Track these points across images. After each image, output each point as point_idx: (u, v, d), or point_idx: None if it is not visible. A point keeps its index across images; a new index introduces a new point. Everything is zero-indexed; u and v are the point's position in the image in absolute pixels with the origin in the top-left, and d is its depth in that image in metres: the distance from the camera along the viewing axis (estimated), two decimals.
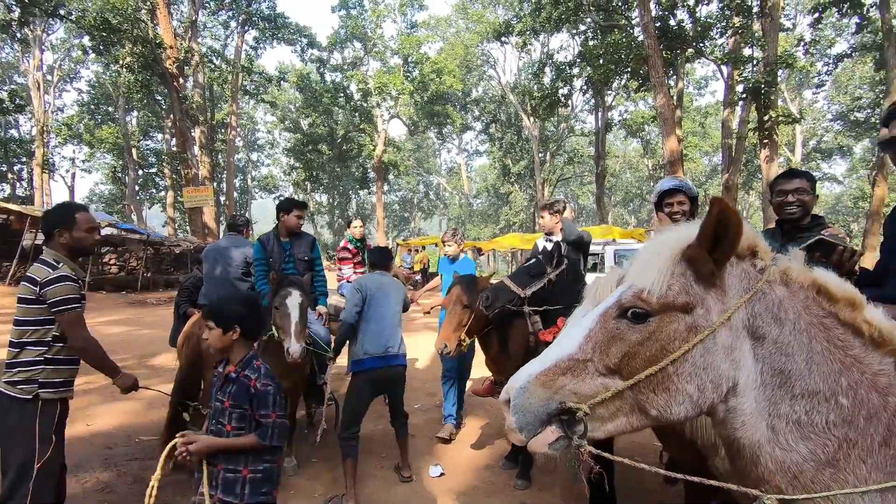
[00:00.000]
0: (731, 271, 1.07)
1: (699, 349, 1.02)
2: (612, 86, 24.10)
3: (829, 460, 0.97)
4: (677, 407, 1.02)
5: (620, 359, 1.05)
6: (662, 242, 1.10)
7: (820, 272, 1.08)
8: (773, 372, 1.02)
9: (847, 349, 1.02)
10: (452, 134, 43.34)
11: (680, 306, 1.04)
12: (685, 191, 2.88)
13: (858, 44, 21.09)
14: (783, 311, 1.04)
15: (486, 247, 18.42)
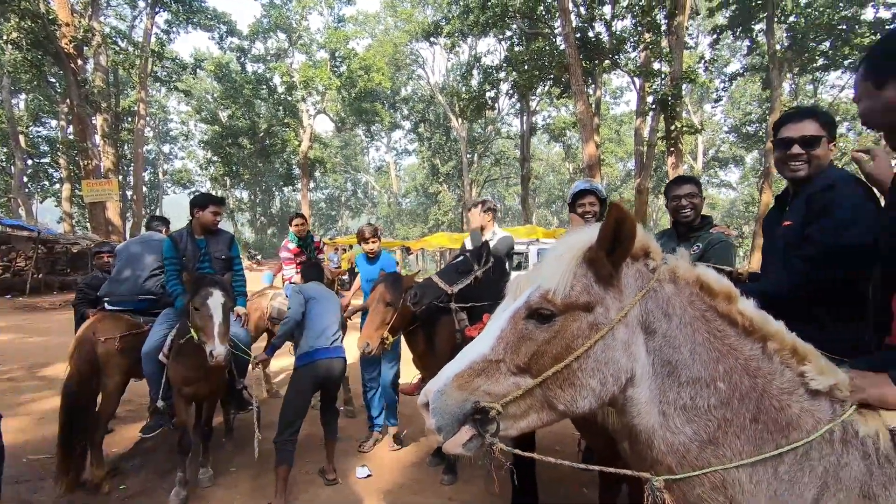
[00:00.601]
0: (627, 271, 1.14)
1: (600, 345, 1.09)
2: (536, 91, 25.05)
3: (711, 439, 1.08)
4: (582, 401, 1.09)
5: (530, 358, 1.11)
6: (566, 246, 1.16)
7: (702, 269, 1.19)
8: (663, 362, 1.11)
9: (724, 339, 1.13)
10: (381, 132, 42.99)
11: (582, 305, 1.11)
12: (596, 192, 3.09)
13: (749, 64, 23.51)
14: (671, 306, 1.13)
15: (415, 246, 18.45)
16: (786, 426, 1.06)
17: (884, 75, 1.24)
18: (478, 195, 34.85)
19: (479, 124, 36.00)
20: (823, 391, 1.08)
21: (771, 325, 1.13)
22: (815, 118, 1.90)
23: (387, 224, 48.44)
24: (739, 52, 27.07)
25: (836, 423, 1.05)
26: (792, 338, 1.13)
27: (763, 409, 1.08)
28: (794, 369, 1.11)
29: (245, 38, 30.96)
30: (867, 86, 1.30)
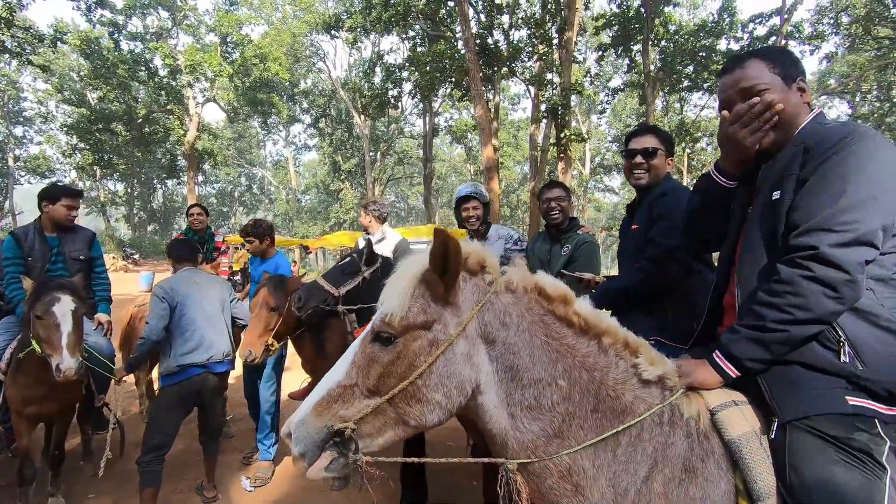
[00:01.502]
0: (465, 287, 1.21)
1: (441, 361, 1.15)
2: (438, 92, 25.42)
3: (556, 433, 1.17)
4: (430, 414, 1.16)
5: (378, 379, 1.17)
6: (404, 269, 1.23)
7: (540, 276, 1.28)
8: (506, 368, 1.19)
9: (562, 339, 1.22)
10: (279, 125, 40.92)
11: (420, 325, 1.17)
12: (478, 197, 3.25)
13: (629, 81, 25.86)
14: (508, 315, 1.20)
15: (314, 245, 17.82)
16: (621, 413, 1.17)
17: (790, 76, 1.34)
18: (381, 194, 34.60)
19: (382, 122, 35.71)
20: (653, 380, 1.21)
21: (604, 323, 1.24)
22: (654, 134, 2.19)
23: (285, 221, 46.26)
24: (621, 70, 29.68)
25: (664, 406, 1.18)
26: (624, 332, 1.25)
27: (601, 399, 1.18)
28: (627, 361, 1.23)
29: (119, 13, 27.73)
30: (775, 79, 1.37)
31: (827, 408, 1.10)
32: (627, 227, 2.32)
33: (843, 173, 1.11)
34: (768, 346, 1.14)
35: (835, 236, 1.07)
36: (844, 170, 1.11)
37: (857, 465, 1.05)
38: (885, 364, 1.11)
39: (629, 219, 2.33)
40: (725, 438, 1.14)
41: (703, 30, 21.14)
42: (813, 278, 1.08)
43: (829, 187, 1.11)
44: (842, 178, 1.10)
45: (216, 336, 3.16)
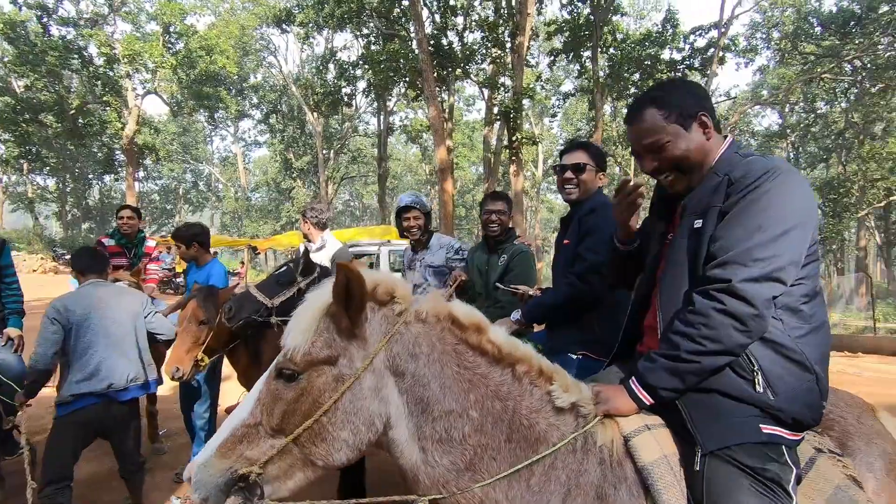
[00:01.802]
0: (373, 318, 1.18)
1: (347, 396, 1.12)
2: (392, 92, 25.23)
3: (468, 465, 1.15)
4: (337, 453, 1.12)
5: (282, 418, 1.12)
6: (310, 302, 1.19)
7: (455, 305, 1.26)
8: (416, 401, 1.16)
9: (475, 369, 1.20)
10: (227, 120, 39.44)
11: (324, 360, 1.13)
12: (419, 207, 3.21)
13: (579, 86, 26.57)
14: (418, 346, 1.17)
15: (263, 245, 17.26)
16: (535, 442, 1.16)
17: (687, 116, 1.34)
18: (334, 193, 34.02)
19: (335, 120, 35.07)
20: (567, 407, 1.20)
21: (519, 350, 1.23)
22: (585, 150, 2.23)
23: (234, 220, 44.65)
24: (572, 75, 30.43)
25: (577, 434, 1.17)
26: (538, 359, 1.25)
27: (515, 429, 1.17)
28: (542, 388, 1.22)
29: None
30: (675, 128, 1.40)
31: (744, 437, 1.13)
32: (560, 241, 2.35)
33: (760, 209, 1.14)
34: (682, 376, 1.16)
35: (748, 271, 1.11)
36: (762, 206, 1.15)
37: (769, 494, 1.08)
38: (793, 393, 1.16)
39: (563, 233, 2.37)
40: (638, 465, 1.15)
41: (648, 39, 21.98)
42: (724, 311, 1.11)
43: (747, 222, 1.15)
44: (759, 213, 1.14)
45: (119, 360, 2.84)
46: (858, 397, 1.68)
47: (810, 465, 1.26)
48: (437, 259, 3.27)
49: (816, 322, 1.22)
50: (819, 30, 23.49)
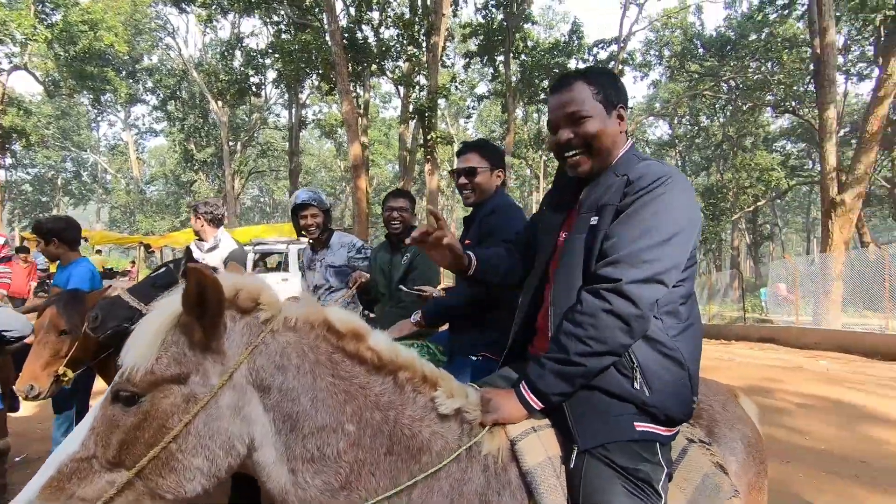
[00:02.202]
0: (234, 328, 1.06)
1: (202, 418, 0.99)
2: (304, 84, 24.27)
3: (343, 484, 1.06)
4: (190, 484, 0.98)
5: (121, 448, 0.97)
6: (157, 312, 1.05)
7: (330, 310, 1.18)
8: (284, 418, 1.05)
9: (352, 379, 1.11)
10: (116, 105, 35.67)
11: (172, 378, 1.00)
12: (317, 204, 3.04)
13: (493, 89, 27.33)
14: (286, 357, 1.07)
15: (157, 243, 15.77)
16: (417, 451, 1.10)
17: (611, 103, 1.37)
18: (241, 187, 32.07)
19: (243, 110, 33.07)
20: (451, 414, 1.16)
21: (401, 357, 1.17)
22: (477, 151, 2.19)
23: (125, 215, 40.58)
24: (486, 78, 31.21)
25: (462, 450, 1.12)
26: (422, 365, 1.19)
27: (396, 440, 1.10)
28: (426, 395, 1.16)
29: None
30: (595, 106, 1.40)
31: (619, 435, 1.15)
32: (462, 242, 2.32)
33: (652, 213, 1.18)
34: (572, 379, 1.17)
35: (636, 272, 1.13)
36: (654, 209, 1.18)
37: (639, 494, 1.11)
38: (667, 390, 1.20)
39: (465, 232, 2.35)
40: (523, 469, 1.13)
41: (557, 48, 23.15)
42: (611, 311, 1.13)
43: (639, 224, 1.17)
44: (651, 217, 1.17)
45: None
46: (723, 384, 1.83)
47: (682, 456, 1.32)
48: (339, 258, 3.13)
49: (690, 321, 1.29)
50: (702, 51, 26.13)
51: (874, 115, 12.34)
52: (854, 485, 3.67)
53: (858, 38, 22.89)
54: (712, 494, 1.27)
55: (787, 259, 17.79)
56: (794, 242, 47.84)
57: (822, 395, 6.17)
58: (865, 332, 11.01)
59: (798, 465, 4.04)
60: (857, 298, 13.00)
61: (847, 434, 4.82)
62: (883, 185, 24.41)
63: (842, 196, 12.61)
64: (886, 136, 17.21)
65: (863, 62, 24.17)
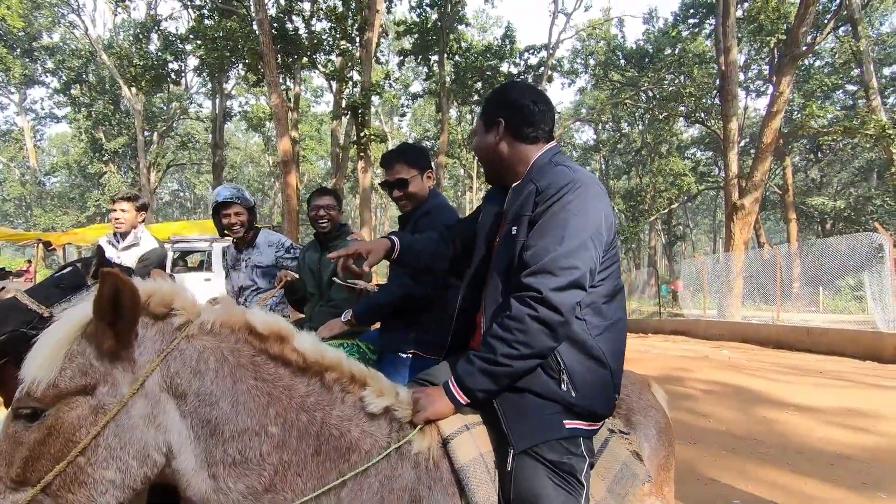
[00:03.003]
0: (145, 335, 1.04)
1: (111, 430, 0.97)
2: (229, 73, 23.08)
3: (267, 487, 1.05)
4: (102, 497, 0.96)
5: (25, 466, 0.95)
6: (62, 323, 1.02)
7: (252, 313, 1.16)
8: (202, 423, 1.04)
9: (276, 381, 1.11)
10: (9, 85, 31.98)
11: (78, 390, 0.98)
12: (240, 202, 2.91)
13: (427, 88, 27.45)
14: (203, 362, 1.06)
15: (59, 240, 14.30)
16: (346, 451, 1.11)
17: (490, 120, 1.48)
18: (158, 181, 29.91)
19: (160, 98, 30.84)
20: (379, 412, 1.17)
21: (328, 358, 1.17)
22: (403, 160, 2.18)
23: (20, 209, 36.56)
24: (421, 77, 31.30)
25: (392, 449, 1.14)
26: (350, 365, 1.20)
27: (324, 440, 1.11)
28: (354, 394, 1.17)
29: None
30: (480, 125, 1.53)
31: (551, 434, 1.21)
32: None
33: (562, 221, 1.24)
34: (497, 378, 1.22)
35: (556, 280, 1.19)
36: (563, 218, 1.24)
37: (564, 484, 1.18)
38: (592, 390, 1.28)
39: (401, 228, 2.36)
40: (455, 466, 1.16)
41: (490, 52, 23.67)
42: (536, 318, 1.19)
43: (552, 233, 1.24)
44: (561, 225, 1.24)
45: None
46: (639, 374, 1.98)
47: (604, 447, 1.42)
48: (266, 258, 3.01)
49: (614, 319, 1.36)
50: (623, 62, 27.77)
51: (769, 128, 13.72)
52: (749, 461, 4.08)
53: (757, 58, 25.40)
54: (629, 482, 1.38)
55: (696, 258, 19.36)
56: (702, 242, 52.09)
57: (723, 381, 6.79)
58: (760, 324, 12.25)
59: (702, 445, 4.43)
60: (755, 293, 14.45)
61: (744, 416, 5.35)
62: (776, 191, 27.24)
63: (742, 200, 13.94)
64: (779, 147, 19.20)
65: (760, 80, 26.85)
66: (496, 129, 1.47)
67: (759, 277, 14.06)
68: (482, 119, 1.52)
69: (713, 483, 3.65)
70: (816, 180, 30.30)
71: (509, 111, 1.46)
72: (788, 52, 13.42)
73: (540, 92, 1.54)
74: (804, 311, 14.17)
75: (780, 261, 12.68)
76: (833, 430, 4.76)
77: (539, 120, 1.46)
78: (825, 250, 12.31)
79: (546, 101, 1.49)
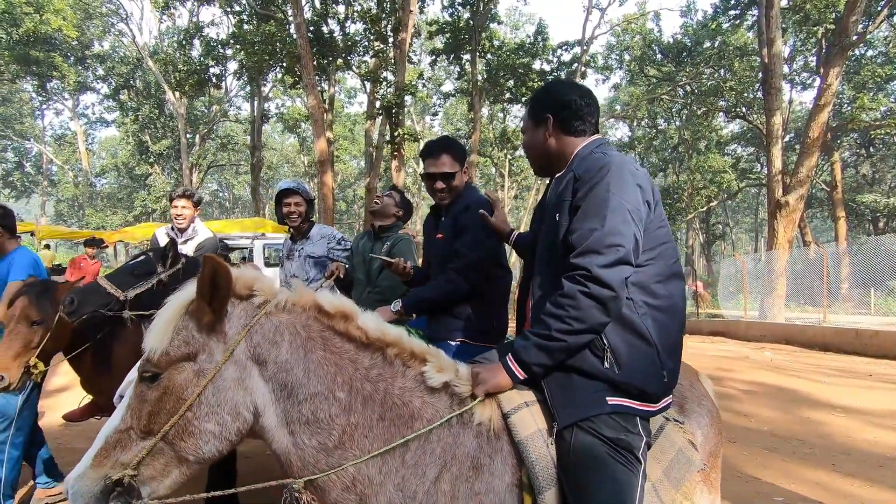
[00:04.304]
0: (233, 312, 1.22)
1: (210, 390, 1.16)
2: (267, 76, 23.75)
3: (337, 444, 1.20)
4: (206, 446, 1.16)
5: (149, 419, 1.16)
6: (171, 302, 1.23)
7: (320, 295, 1.31)
8: (281, 387, 1.21)
9: (342, 354, 1.26)
10: (63, 92, 33.81)
11: (183, 357, 1.17)
12: (301, 192, 3.12)
13: (459, 87, 27.54)
14: (279, 334, 1.22)
15: (112, 238, 15.11)
16: (409, 418, 1.24)
17: (539, 117, 1.57)
18: (200, 181, 31.04)
19: (201, 102, 32.02)
20: (439, 387, 1.29)
21: (389, 335, 1.30)
22: (448, 153, 2.27)
23: (73, 209, 38.59)
24: (452, 76, 31.41)
25: (454, 414, 1.26)
26: (410, 342, 1.32)
27: (388, 408, 1.23)
28: (415, 369, 1.30)
29: None
30: (528, 122, 1.62)
31: (592, 410, 1.27)
32: (432, 229, 2.44)
33: (602, 201, 1.30)
34: (552, 353, 1.29)
35: (603, 258, 1.26)
36: (603, 197, 1.31)
37: (622, 460, 1.25)
38: (636, 367, 1.32)
39: (433, 220, 2.45)
40: (515, 439, 1.26)
41: (522, 49, 23.50)
42: (588, 294, 1.25)
43: (593, 214, 1.31)
44: (602, 206, 1.30)
45: None
46: (688, 364, 2.02)
47: (660, 432, 1.48)
48: (319, 249, 3.19)
49: (668, 301, 1.39)
50: (660, 57, 27.12)
51: (815, 122, 13.19)
52: (791, 461, 4.01)
53: (802, 49, 24.36)
54: (684, 467, 1.45)
55: (736, 257, 18.78)
56: (743, 241, 50.34)
57: (765, 381, 6.63)
58: (805, 325, 11.81)
59: (742, 444, 4.38)
60: (800, 294, 13.92)
61: (786, 417, 5.23)
62: (823, 188, 26.09)
63: (786, 198, 13.45)
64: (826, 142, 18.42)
65: (806, 72, 25.75)
66: (545, 124, 1.55)
67: (803, 277, 13.55)
68: (530, 117, 1.61)
69: (754, 481, 3.61)
70: (867, 176, 28.80)
71: (557, 107, 1.54)
72: (837, 43, 12.86)
73: (584, 87, 1.62)
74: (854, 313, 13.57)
75: (826, 260, 12.19)
76: (883, 433, 4.61)
77: (586, 113, 1.54)
78: (877, 249, 11.76)
79: (591, 96, 1.58)
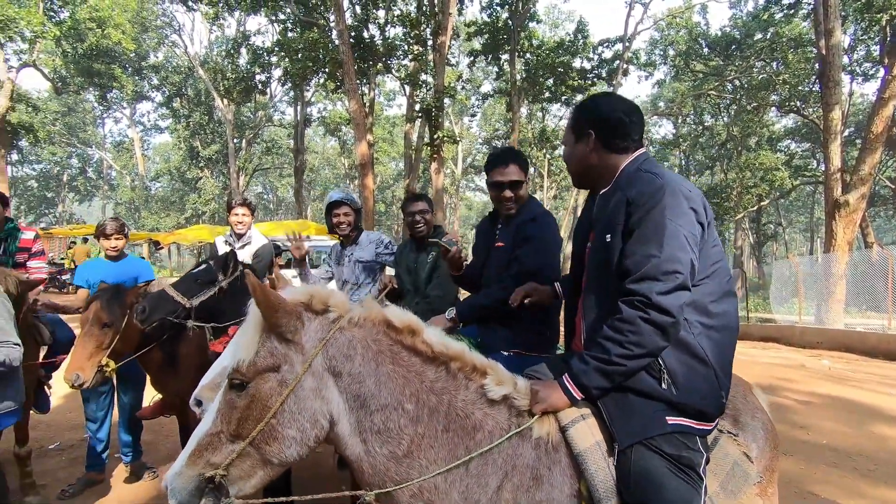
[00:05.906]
0: (309, 326, 1.29)
1: (292, 398, 1.23)
2: (310, 82, 24.39)
3: (406, 453, 1.26)
4: (288, 450, 1.23)
5: (238, 424, 1.24)
6: (251, 314, 1.30)
7: (389, 310, 1.37)
8: (354, 397, 1.28)
9: (409, 367, 1.32)
10: (122, 101, 35.85)
11: (269, 367, 1.25)
12: (349, 203, 3.23)
13: (497, 88, 27.41)
14: (353, 348, 1.29)
15: (166, 240, 15.95)
16: (472, 429, 1.29)
17: (580, 132, 1.57)
18: (246, 184, 32.23)
19: (248, 108, 33.23)
20: (499, 400, 1.34)
21: (452, 349, 1.35)
22: (516, 163, 2.29)
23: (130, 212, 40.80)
24: (491, 76, 31.30)
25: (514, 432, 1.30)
26: (472, 356, 1.37)
27: (452, 419, 1.29)
28: (476, 382, 1.35)
29: None
30: (569, 135, 1.62)
31: (652, 430, 1.29)
32: (487, 231, 2.47)
33: (659, 227, 1.30)
34: (611, 376, 1.32)
35: (661, 285, 1.27)
36: (659, 223, 1.31)
37: (684, 477, 1.27)
38: (693, 388, 1.34)
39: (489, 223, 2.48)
40: (574, 451, 1.30)
41: (562, 48, 23.16)
42: (648, 320, 1.27)
43: (650, 240, 1.31)
44: (658, 232, 1.30)
45: None
46: (740, 377, 1.98)
47: (714, 445, 1.48)
48: (367, 254, 3.30)
49: (722, 320, 1.40)
50: (707, 51, 26.17)
51: (879, 115, 12.42)
52: (853, 477, 3.82)
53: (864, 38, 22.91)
54: (741, 480, 1.45)
55: (790, 259, 17.89)
56: (797, 242, 47.90)
57: (822, 392, 6.31)
58: (867, 332, 11.13)
59: (800, 457, 4.19)
60: (860, 298, 13.12)
61: (848, 430, 4.96)
62: (887, 185, 24.47)
63: (846, 196, 12.71)
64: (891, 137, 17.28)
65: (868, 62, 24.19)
66: (586, 140, 1.54)
67: (865, 281, 12.75)
68: (572, 131, 1.59)
69: (812, 496, 3.47)
70: None
71: (600, 124, 1.53)
72: None
73: (630, 102, 1.59)
74: None
75: (892, 263, 11.45)
76: None
77: (631, 131, 1.52)
78: None
79: (637, 112, 1.55)
